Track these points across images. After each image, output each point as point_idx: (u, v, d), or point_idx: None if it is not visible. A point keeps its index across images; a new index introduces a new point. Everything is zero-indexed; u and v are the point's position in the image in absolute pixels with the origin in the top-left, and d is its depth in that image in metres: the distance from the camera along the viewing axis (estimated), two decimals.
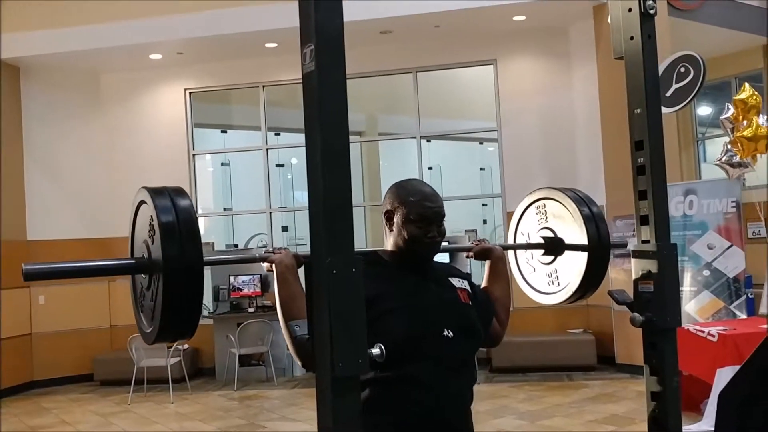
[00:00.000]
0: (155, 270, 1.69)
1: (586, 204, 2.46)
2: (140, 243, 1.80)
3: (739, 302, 7.00)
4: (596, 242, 2.41)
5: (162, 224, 1.64)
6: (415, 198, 2.12)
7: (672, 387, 2.22)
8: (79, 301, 9.64)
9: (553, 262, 2.56)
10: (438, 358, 2.05)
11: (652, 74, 2.29)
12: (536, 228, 2.61)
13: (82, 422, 7.38)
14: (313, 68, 1.57)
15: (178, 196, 1.71)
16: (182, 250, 1.64)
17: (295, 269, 2.01)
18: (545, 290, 2.62)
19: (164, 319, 1.67)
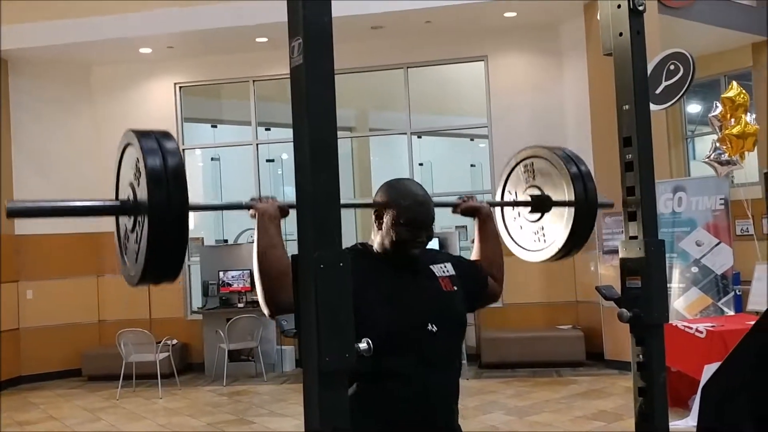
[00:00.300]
0: (140, 212, 1.67)
1: (574, 162, 2.44)
2: (125, 185, 1.78)
3: (727, 299, 7.04)
4: (583, 200, 2.39)
5: (148, 166, 1.62)
6: (406, 201, 2.12)
7: (659, 382, 2.23)
8: (67, 296, 9.60)
9: (540, 219, 2.55)
10: (422, 352, 2.06)
11: (641, 70, 2.30)
12: (523, 187, 2.61)
13: (70, 417, 7.35)
14: (300, 62, 1.56)
15: (164, 139, 1.69)
16: (168, 193, 1.62)
17: (278, 220, 2.02)
18: (531, 248, 2.61)
19: (148, 261, 1.65)
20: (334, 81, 1.58)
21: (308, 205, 1.58)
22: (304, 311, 1.61)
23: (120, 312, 9.58)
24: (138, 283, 1.74)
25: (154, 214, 1.61)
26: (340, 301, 1.59)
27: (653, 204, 2.29)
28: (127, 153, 1.79)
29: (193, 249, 10.00)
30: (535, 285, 9.12)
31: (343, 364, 1.58)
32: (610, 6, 2.32)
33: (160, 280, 1.74)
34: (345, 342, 1.59)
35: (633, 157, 2.28)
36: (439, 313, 2.13)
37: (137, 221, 1.70)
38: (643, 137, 2.26)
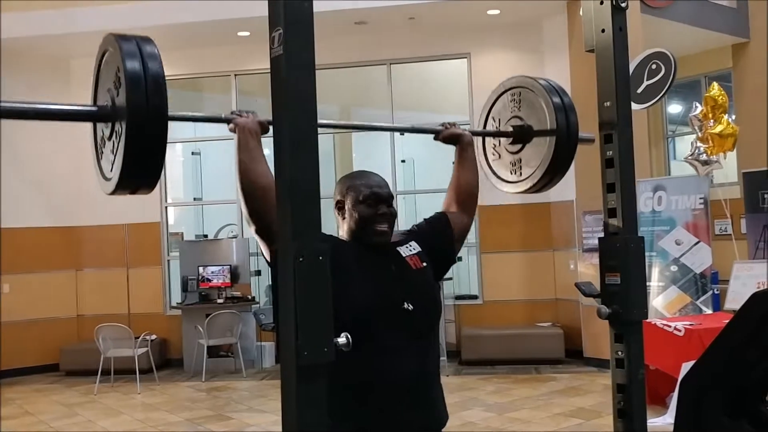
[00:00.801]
0: (119, 118, 1.63)
1: (558, 93, 2.45)
2: (104, 91, 1.74)
3: (705, 298, 7.10)
4: (564, 130, 2.40)
5: (128, 70, 1.59)
6: (362, 181, 2.19)
7: (637, 379, 2.23)
8: (45, 290, 9.50)
9: (520, 151, 2.55)
10: (400, 330, 2.07)
11: (623, 67, 2.30)
12: (508, 116, 2.61)
13: (46, 412, 7.27)
14: (281, 52, 1.55)
15: (145, 43, 1.66)
16: (147, 98, 1.59)
17: (258, 134, 2.02)
18: (509, 179, 2.62)
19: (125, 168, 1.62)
20: (314, 71, 1.56)
21: (287, 197, 1.56)
22: (283, 305, 1.59)
23: (98, 307, 9.50)
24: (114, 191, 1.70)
25: (133, 120, 1.58)
26: (318, 295, 1.58)
27: (633, 201, 2.29)
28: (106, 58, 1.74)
29: (172, 244, 9.94)
30: (515, 282, 9.16)
31: (322, 358, 1.57)
32: (593, 2, 2.32)
33: (136, 188, 1.70)
34: (323, 336, 1.58)
35: (613, 154, 2.28)
36: (413, 291, 2.13)
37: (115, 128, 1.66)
38: (624, 134, 2.27)
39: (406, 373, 2.07)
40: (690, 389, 1.22)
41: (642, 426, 2.23)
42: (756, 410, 1.17)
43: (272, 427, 6.29)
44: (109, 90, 1.69)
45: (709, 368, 1.23)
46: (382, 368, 2.04)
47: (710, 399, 1.20)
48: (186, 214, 11.64)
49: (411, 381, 2.08)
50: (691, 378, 1.17)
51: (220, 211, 10.90)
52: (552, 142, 2.41)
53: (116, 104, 1.65)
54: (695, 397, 1.21)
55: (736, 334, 1.19)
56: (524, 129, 2.51)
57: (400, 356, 2.06)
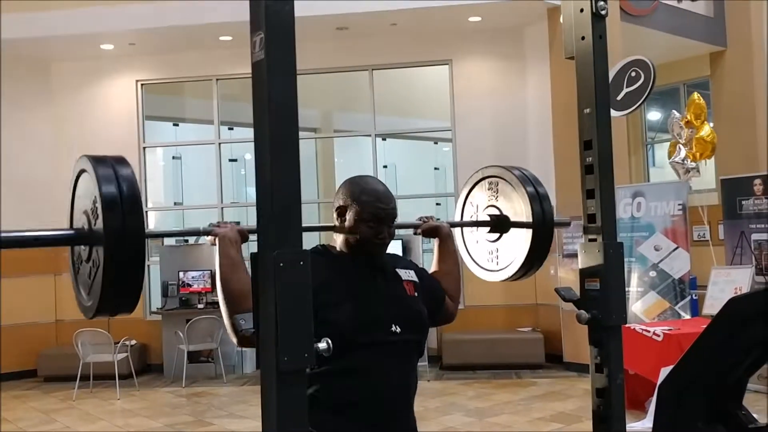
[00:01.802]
0: (96, 242, 1.63)
1: (531, 183, 2.47)
2: (80, 213, 1.74)
3: (683, 303, 7.17)
4: (540, 220, 2.42)
5: (104, 194, 1.59)
6: (368, 197, 2.12)
7: (616, 383, 2.25)
8: (23, 295, 9.38)
9: (498, 240, 2.57)
10: (384, 351, 2.07)
11: (602, 74, 2.32)
12: (485, 203, 2.63)
13: (24, 419, 7.19)
14: (262, 56, 1.55)
15: (120, 165, 1.66)
16: (124, 222, 1.59)
17: (239, 243, 2.00)
18: (489, 267, 2.64)
19: (105, 292, 1.62)
20: (296, 77, 1.56)
21: (268, 201, 1.56)
22: (263, 310, 1.59)
23: (77, 312, 9.11)
24: (94, 316, 1.70)
25: (111, 245, 1.58)
26: (299, 301, 1.57)
27: (613, 207, 2.31)
28: (82, 179, 1.74)
29: (153, 249, 9.86)
30: (495, 287, 9.18)
31: (302, 363, 1.57)
32: (573, 9, 2.34)
33: (116, 312, 1.70)
34: (304, 341, 1.58)
35: (593, 160, 2.29)
36: (404, 314, 2.14)
37: (93, 251, 1.66)
38: (604, 140, 2.28)
39: (387, 395, 2.07)
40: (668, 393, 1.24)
41: (621, 429, 2.25)
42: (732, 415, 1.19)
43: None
44: (86, 212, 1.69)
45: (686, 373, 1.24)
46: (362, 387, 2.04)
47: (687, 403, 1.21)
48: (166, 218, 11.57)
49: (390, 403, 2.08)
50: (669, 382, 1.18)
51: (200, 216, 10.84)
52: (529, 234, 2.44)
53: (93, 228, 1.66)
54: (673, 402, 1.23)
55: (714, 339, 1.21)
56: (501, 219, 2.54)
57: (381, 377, 2.06)
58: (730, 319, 1.20)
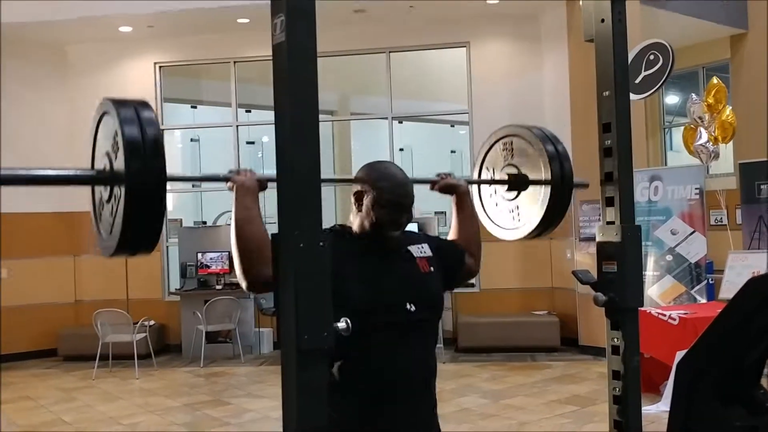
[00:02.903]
0: (117, 182, 1.65)
1: (551, 141, 2.46)
2: (101, 154, 1.76)
3: (699, 287, 7.14)
4: (559, 179, 2.41)
5: (126, 136, 1.60)
6: (387, 183, 2.13)
7: (633, 366, 2.26)
8: (43, 276, 9.52)
9: (516, 198, 2.56)
10: (400, 329, 2.09)
11: (622, 57, 2.31)
12: (501, 164, 2.62)
13: (45, 397, 7.31)
14: (283, 39, 1.56)
15: (142, 108, 1.68)
16: (145, 164, 1.60)
17: (256, 193, 2.01)
18: (507, 226, 2.63)
19: (124, 232, 1.63)
20: (316, 58, 1.57)
21: (288, 183, 1.58)
22: (283, 290, 1.61)
23: (97, 292, 9.52)
24: (113, 254, 1.71)
25: (132, 185, 1.59)
26: (319, 281, 1.59)
27: (631, 190, 2.31)
28: (104, 122, 1.76)
29: (171, 230, 9.95)
30: (511, 271, 9.19)
31: (322, 342, 1.59)
32: None
33: (135, 251, 1.71)
34: (323, 321, 1.60)
35: (612, 143, 2.30)
36: (417, 293, 2.15)
37: (113, 192, 1.68)
38: (623, 123, 2.28)
39: (402, 373, 2.09)
40: (685, 373, 1.25)
41: (637, 412, 2.26)
42: (750, 394, 1.20)
43: (270, 412, 6.33)
44: (108, 154, 1.71)
45: (704, 352, 1.25)
46: (378, 366, 2.06)
47: (705, 383, 1.22)
48: (184, 201, 11.65)
49: (406, 381, 2.10)
50: (687, 362, 1.19)
51: (218, 198, 10.91)
52: (547, 191, 2.42)
53: (114, 169, 1.67)
54: (690, 381, 1.24)
55: (732, 319, 1.22)
56: (519, 177, 2.53)
57: (397, 355, 2.08)
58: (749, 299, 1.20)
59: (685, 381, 1.27)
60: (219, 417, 6.33)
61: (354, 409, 2.06)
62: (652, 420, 5.18)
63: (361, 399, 2.06)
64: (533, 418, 5.89)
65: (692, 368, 1.25)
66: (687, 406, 1.26)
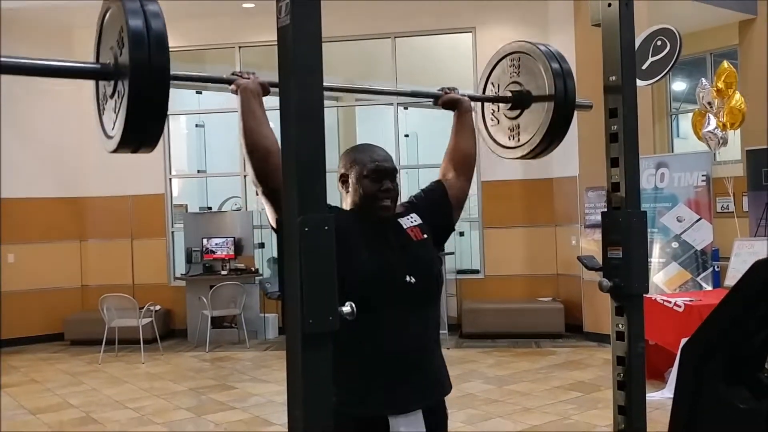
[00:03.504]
0: (121, 76, 1.64)
1: (556, 59, 2.45)
2: (106, 49, 1.75)
3: (705, 274, 7.14)
4: (562, 96, 2.41)
5: (131, 29, 1.59)
6: (366, 155, 2.18)
7: (637, 352, 2.26)
8: (49, 260, 9.56)
9: (518, 117, 2.56)
10: (402, 301, 2.10)
11: (629, 41, 2.30)
12: (507, 81, 2.61)
13: (52, 381, 7.36)
14: (288, 22, 1.55)
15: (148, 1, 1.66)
16: (150, 57, 1.59)
17: (260, 95, 2.03)
18: (507, 144, 2.63)
19: (127, 126, 1.63)
20: (321, 42, 1.57)
21: (293, 167, 1.58)
22: (288, 274, 1.62)
23: (103, 277, 9.56)
24: (116, 149, 1.71)
25: (136, 79, 1.58)
26: (324, 264, 1.59)
27: (637, 175, 2.30)
28: (109, 15, 1.74)
29: (176, 216, 9.97)
30: (516, 257, 9.19)
31: (327, 326, 1.59)
32: None
33: (138, 146, 1.70)
34: (329, 305, 1.60)
35: (618, 129, 2.29)
36: (415, 263, 2.16)
37: (117, 86, 1.67)
38: (629, 108, 2.27)
39: (408, 345, 2.10)
40: (691, 356, 1.25)
41: (641, 398, 2.27)
42: (755, 377, 1.20)
43: (275, 396, 6.36)
44: (112, 48, 1.69)
45: (710, 335, 1.25)
46: (383, 340, 2.07)
47: (710, 366, 1.23)
48: (190, 186, 11.66)
49: (413, 352, 2.11)
50: (692, 345, 1.20)
51: (224, 184, 10.93)
52: (550, 108, 2.41)
53: (119, 62, 1.65)
54: (695, 364, 1.24)
55: (738, 302, 1.21)
56: (522, 94, 2.52)
57: (401, 328, 2.09)
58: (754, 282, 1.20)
59: (691, 361, 1.27)
60: (224, 401, 6.36)
61: (357, 383, 2.06)
62: (656, 407, 5.21)
63: (363, 372, 2.07)
64: (537, 404, 5.90)
65: (698, 349, 1.25)
66: (693, 387, 1.26)
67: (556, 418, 5.50)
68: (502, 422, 5.47)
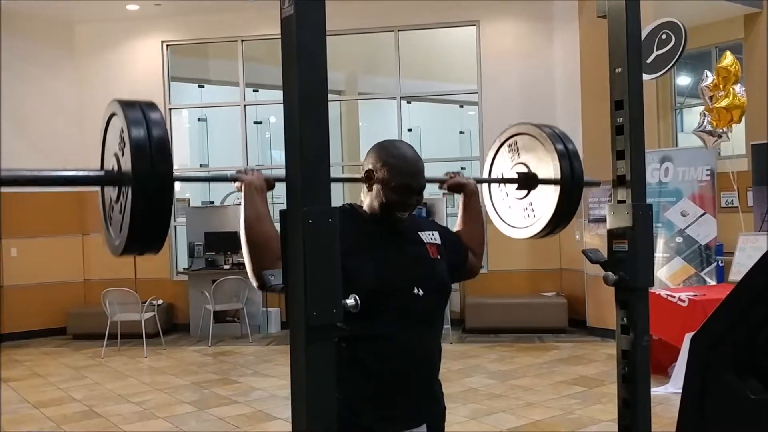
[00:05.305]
0: (124, 182, 1.67)
1: (561, 140, 2.44)
2: (110, 155, 1.78)
3: (709, 269, 7.12)
4: (569, 178, 2.39)
5: (132, 137, 1.62)
6: (399, 164, 2.10)
7: (642, 345, 2.25)
8: (52, 254, 9.57)
9: (527, 196, 2.55)
10: (407, 314, 2.07)
11: (634, 33, 2.27)
12: (510, 165, 2.60)
13: (55, 375, 7.36)
14: (291, 12, 1.53)
15: (149, 109, 1.68)
16: (152, 163, 1.62)
17: (264, 192, 2.01)
18: (519, 225, 2.62)
19: (132, 232, 1.66)
20: (325, 32, 1.55)
21: (297, 159, 1.56)
22: (292, 266, 1.60)
23: (105, 271, 9.56)
24: (122, 254, 1.74)
25: (138, 185, 1.61)
26: (327, 257, 1.58)
27: (642, 168, 2.28)
28: (112, 123, 1.77)
29: (179, 210, 9.97)
30: (519, 252, 9.17)
31: (330, 318, 1.58)
32: None
33: (144, 251, 1.74)
34: (332, 297, 1.59)
35: (624, 121, 2.26)
36: (426, 277, 2.13)
37: (122, 192, 1.70)
38: (635, 100, 2.25)
39: (411, 357, 2.07)
40: (700, 347, 1.24)
41: (646, 392, 2.25)
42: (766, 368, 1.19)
43: (278, 391, 6.36)
44: (116, 154, 1.73)
45: (719, 326, 1.24)
46: (386, 350, 2.04)
47: (720, 356, 1.21)
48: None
49: (414, 366, 2.09)
50: (702, 335, 1.19)
51: None
52: (557, 191, 2.40)
53: (122, 169, 1.69)
54: (705, 355, 1.23)
55: (748, 292, 1.20)
56: (529, 176, 2.51)
57: (405, 339, 2.06)
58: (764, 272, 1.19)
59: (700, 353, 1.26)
60: (227, 395, 6.36)
61: (355, 393, 2.03)
62: (660, 401, 5.20)
63: (363, 380, 2.04)
64: (540, 399, 5.89)
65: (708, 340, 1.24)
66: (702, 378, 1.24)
67: (559, 413, 5.49)
68: (506, 417, 5.46)
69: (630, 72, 2.26)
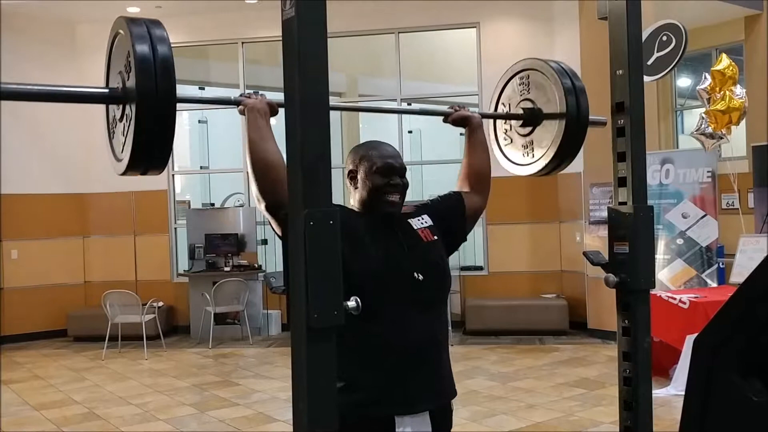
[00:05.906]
0: (129, 100, 1.67)
1: (568, 76, 2.44)
2: (115, 74, 1.78)
3: (710, 271, 7.11)
4: (575, 113, 2.39)
5: (137, 54, 1.62)
6: (375, 151, 2.20)
7: (643, 347, 2.25)
8: (53, 257, 9.56)
9: (531, 133, 2.55)
10: (408, 299, 2.08)
11: (635, 35, 2.28)
12: (517, 99, 2.60)
13: (55, 377, 7.36)
14: (293, 14, 1.53)
15: (154, 26, 1.68)
16: (156, 82, 1.62)
17: (268, 115, 2.04)
18: (520, 161, 2.62)
19: (135, 150, 1.66)
20: (326, 34, 1.55)
21: (298, 160, 1.56)
22: (293, 268, 1.60)
23: (106, 273, 9.57)
24: (125, 172, 1.75)
25: (142, 103, 1.61)
26: (329, 259, 1.58)
27: (643, 169, 2.29)
28: (118, 41, 1.77)
29: (179, 212, 9.97)
30: (520, 254, 9.17)
31: (332, 321, 1.58)
32: None
33: (146, 169, 1.74)
34: (334, 299, 1.59)
35: (625, 123, 2.27)
36: (423, 262, 2.15)
37: (126, 110, 1.70)
38: (636, 102, 2.25)
39: (414, 344, 2.07)
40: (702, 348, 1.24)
41: (647, 394, 2.25)
42: None
43: (278, 393, 6.36)
44: (120, 73, 1.73)
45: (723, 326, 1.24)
46: (390, 337, 2.05)
47: (724, 358, 1.21)
48: (193, 182, 11.65)
49: (418, 352, 2.09)
50: (705, 336, 1.18)
51: (226, 180, 10.91)
52: (562, 125, 2.39)
53: (127, 87, 1.69)
54: (707, 357, 1.23)
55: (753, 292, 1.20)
56: (534, 111, 2.50)
57: (408, 326, 2.07)
58: None
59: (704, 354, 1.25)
60: (227, 397, 6.36)
61: (360, 380, 2.03)
62: (661, 404, 5.20)
63: (368, 369, 2.05)
64: (541, 401, 5.89)
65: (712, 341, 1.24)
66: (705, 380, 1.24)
67: (560, 415, 5.49)
68: (506, 419, 5.46)
69: (631, 74, 2.26)
